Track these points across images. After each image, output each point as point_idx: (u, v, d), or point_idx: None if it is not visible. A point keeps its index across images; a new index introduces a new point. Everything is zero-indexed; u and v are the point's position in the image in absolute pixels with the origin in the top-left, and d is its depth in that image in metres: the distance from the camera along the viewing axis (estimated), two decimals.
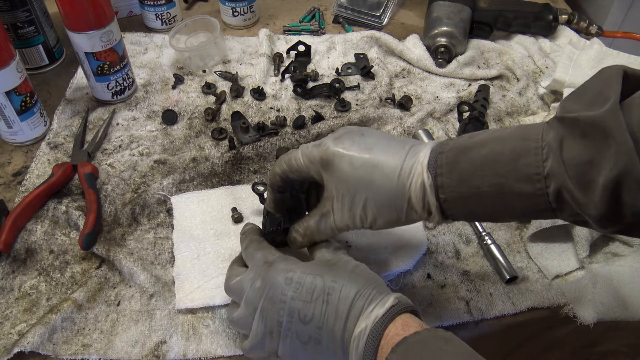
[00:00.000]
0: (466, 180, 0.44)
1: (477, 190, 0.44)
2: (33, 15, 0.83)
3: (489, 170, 0.43)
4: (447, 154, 0.46)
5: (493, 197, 0.44)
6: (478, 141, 0.45)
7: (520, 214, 0.45)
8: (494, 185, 0.43)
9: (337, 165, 0.48)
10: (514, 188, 0.42)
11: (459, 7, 0.94)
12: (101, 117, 0.82)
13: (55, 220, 0.67)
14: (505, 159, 0.43)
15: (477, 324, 0.59)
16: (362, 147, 0.48)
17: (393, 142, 0.49)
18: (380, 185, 0.47)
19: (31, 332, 0.54)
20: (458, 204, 0.45)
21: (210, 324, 0.57)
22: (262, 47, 0.93)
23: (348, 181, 0.48)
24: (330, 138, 0.51)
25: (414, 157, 0.47)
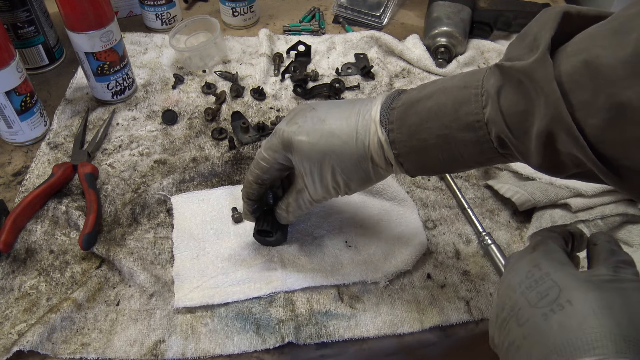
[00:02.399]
0: (414, 133, 0.45)
1: (424, 142, 0.45)
2: (33, 15, 0.83)
3: (434, 122, 0.44)
4: (398, 109, 0.47)
5: (441, 148, 0.45)
6: (425, 94, 0.46)
7: (472, 162, 0.46)
8: (440, 137, 0.44)
9: (296, 144, 0.50)
10: (458, 137, 0.43)
11: (459, 7, 0.94)
12: (101, 117, 0.82)
13: (55, 220, 0.67)
14: (448, 110, 0.43)
15: (477, 324, 0.59)
16: (315, 120, 0.50)
17: (343, 107, 0.50)
18: (341, 152, 0.48)
19: (30, 331, 0.54)
20: (410, 157, 0.46)
21: (209, 322, 0.57)
22: (262, 47, 0.93)
23: (311, 156, 0.49)
24: (283, 121, 0.52)
25: (366, 115, 0.48)
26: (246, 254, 0.63)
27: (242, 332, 0.56)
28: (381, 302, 0.59)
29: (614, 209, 0.64)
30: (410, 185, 0.72)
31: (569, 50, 0.37)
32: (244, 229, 0.65)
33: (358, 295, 0.60)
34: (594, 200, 0.65)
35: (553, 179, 0.67)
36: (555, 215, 0.65)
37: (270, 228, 0.60)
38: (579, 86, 0.35)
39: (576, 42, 0.37)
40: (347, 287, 0.60)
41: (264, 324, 0.57)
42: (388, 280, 0.60)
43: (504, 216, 0.69)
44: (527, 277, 0.40)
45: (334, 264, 0.62)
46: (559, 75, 0.36)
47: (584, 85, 0.35)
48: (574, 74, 0.36)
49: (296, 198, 0.55)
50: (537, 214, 0.67)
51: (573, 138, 0.36)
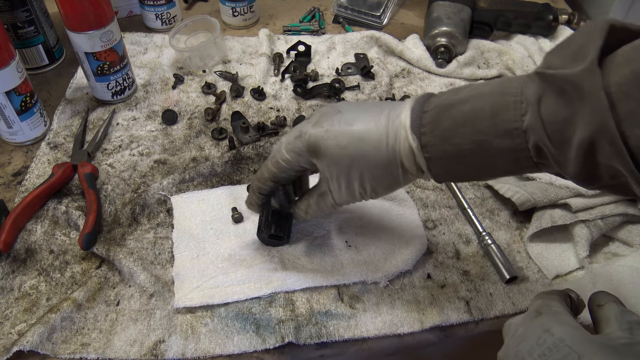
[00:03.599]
0: (448, 138, 0.44)
1: (458, 148, 0.44)
2: (33, 15, 0.83)
3: (469, 127, 0.43)
4: (431, 112, 0.46)
5: (475, 155, 0.44)
6: (460, 98, 0.45)
7: (502, 171, 0.45)
8: (475, 142, 0.43)
9: (324, 149, 0.49)
10: (494, 144, 0.42)
11: (459, 7, 0.94)
12: (101, 117, 0.82)
13: (55, 220, 0.67)
14: (485, 115, 0.42)
15: (477, 323, 0.59)
16: (342, 123, 0.49)
17: (370, 109, 0.49)
18: (371, 158, 0.47)
19: (30, 331, 0.54)
20: (442, 163, 0.46)
21: (209, 322, 0.57)
22: (262, 47, 0.93)
23: (339, 161, 0.48)
24: (308, 124, 0.51)
25: (396, 120, 0.47)
26: (246, 254, 0.63)
27: (242, 332, 0.56)
28: (381, 302, 0.59)
29: (614, 209, 0.64)
30: (410, 185, 0.72)
31: (617, 61, 0.37)
32: (244, 229, 0.65)
33: (358, 295, 0.60)
34: (594, 200, 0.65)
35: (553, 178, 0.67)
36: (555, 215, 0.65)
37: (282, 233, 0.61)
38: (627, 96, 0.35)
39: (624, 53, 0.37)
40: (347, 287, 0.60)
41: (264, 324, 0.57)
42: (388, 280, 0.60)
43: (504, 216, 0.69)
44: (539, 344, 0.38)
45: (334, 264, 0.62)
46: (607, 85, 0.36)
47: (632, 95, 0.35)
48: (623, 84, 0.36)
49: (318, 201, 0.54)
50: (537, 214, 0.67)
51: (616, 148, 0.36)
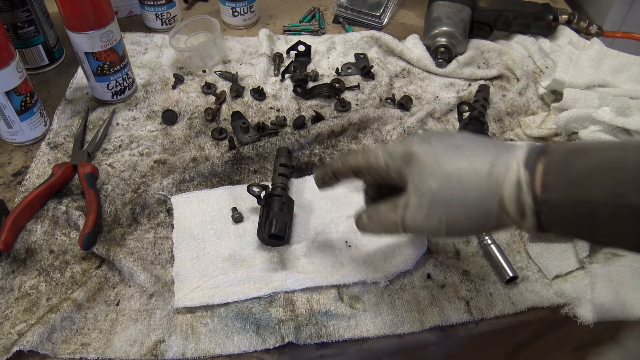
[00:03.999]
0: (578, 183, 0.38)
1: (588, 197, 0.37)
2: (33, 15, 0.84)
3: (608, 174, 0.37)
4: (558, 154, 0.40)
5: (607, 210, 0.37)
6: (595, 146, 0.39)
7: (632, 240, 0.38)
8: (612, 195, 0.36)
9: (421, 159, 0.44)
10: (636, 200, 0.35)
11: (459, 7, 0.94)
12: (101, 117, 0.82)
13: (55, 220, 0.67)
14: (632, 166, 0.36)
15: (477, 323, 0.59)
16: (449, 144, 0.45)
17: (483, 141, 0.45)
18: (468, 182, 0.42)
19: (30, 331, 0.54)
20: (562, 211, 0.39)
21: (209, 323, 0.57)
22: (262, 47, 0.93)
23: (432, 176, 0.43)
24: (416, 137, 0.47)
25: (508, 153, 0.42)
26: (246, 254, 0.63)
27: (242, 332, 0.56)
28: (381, 302, 0.59)
29: None
30: None
31: None
32: (244, 229, 0.65)
33: (358, 295, 0.60)
34: None
35: None
36: None
37: (282, 233, 0.61)
38: None
39: None
40: (347, 287, 0.60)
41: (264, 324, 0.57)
42: (388, 280, 0.60)
43: None
44: None
45: (334, 264, 0.62)
46: None
47: None
48: None
49: (388, 211, 0.47)
50: None
51: None
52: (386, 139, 0.79)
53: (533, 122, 0.82)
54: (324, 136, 0.77)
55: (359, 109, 0.81)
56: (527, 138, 0.80)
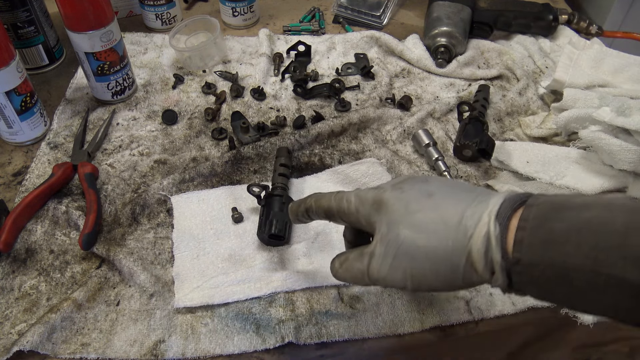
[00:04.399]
0: (554, 243, 0.35)
1: (564, 259, 0.34)
2: (33, 15, 0.84)
3: (587, 238, 0.34)
4: (539, 207, 0.37)
5: (584, 276, 0.33)
6: (580, 202, 0.36)
7: (611, 311, 0.34)
8: (589, 259, 0.33)
9: (390, 207, 0.42)
10: (614, 269, 0.32)
11: (459, 7, 0.94)
12: (101, 117, 0.82)
13: (55, 220, 0.67)
14: (614, 230, 0.33)
15: (477, 323, 0.59)
16: (422, 191, 0.42)
17: (459, 188, 0.42)
18: (436, 234, 0.39)
19: (30, 331, 0.54)
20: (535, 273, 0.36)
21: (209, 323, 0.57)
22: (262, 47, 0.93)
23: (399, 225, 0.41)
24: (389, 182, 0.45)
25: (482, 204, 0.39)
26: (246, 254, 0.63)
27: (242, 332, 0.56)
28: (381, 302, 0.59)
29: None
30: None
31: None
32: (244, 229, 0.65)
33: (358, 295, 0.60)
34: None
35: (553, 179, 0.67)
36: None
37: (282, 233, 0.61)
38: None
39: None
40: (347, 287, 0.60)
41: (264, 324, 0.57)
42: None
43: None
44: None
45: None
46: None
47: None
48: None
49: (355, 259, 0.45)
50: None
51: None
52: (386, 139, 0.79)
53: (533, 122, 0.82)
54: (324, 136, 0.77)
55: (359, 109, 0.81)
56: (527, 138, 0.80)
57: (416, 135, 0.76)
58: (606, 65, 0.85)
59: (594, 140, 0.67)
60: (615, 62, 0.84)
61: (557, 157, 0.71)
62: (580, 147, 0.73)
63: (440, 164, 0.73)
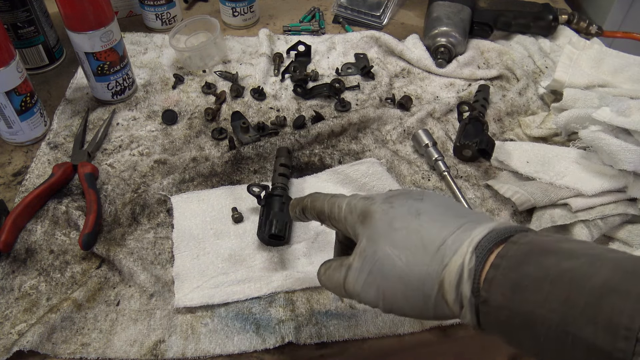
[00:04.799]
0: (525, 289, 0.32)
1: (531, 308, 0.32)
2: (33, 15, 0.84)
3: (559, 291, 0.31)
4: (520, 245, 0.34)
5: (549, 331, 0.31)
6: (567, 248, 0.33)
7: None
8: (557, 314, 0.31)
9: (375, 221, 0.41)
10: (583, 331, 0.29)
11: (459, 7, 0.94)
12: (101, 117, 0.82)
13: (55, 220, 0.67)
14: (589, 287, 0.30)
15: None
16: (411, 210, 0.40)
17: (451, 211, 0.40)
18: (411, 259, 0.37)
19: (30, 331, 0.54)
20: (500, 315, 0.33)
21: (209, 322, 0.57)
22: (262, 47, 0.93)
23: (379, 241, 0.39)
24: (383, 195, 0.44)
25: (467, 232, 0.37)
26: (246, 254, 0.63)
27: (242, 332, 0.56)
28: None
29: (614, 209, 0.64)
30: (410, 184, 0.72)
31: None
32: (244, 229, 0.65)
33: None
34: (594, 200, 0.65)
35: (553, 179, 0.67)
36: (555, 215, 0.65)
37: (282, 233, 0.61)
38: None
39: None
40: None
41: (264, 324, 0.57)
42: None
43: (504, 216, 0.69)
44: None
45: None
46: None
47: None
48: None
49: (336, 269, 0.44)
50: (537, 213, 0.67)
51: None
52: (386, 139, 0.79)
53: (533, 122, 0.82)
54: (324, 136, 0.77)
55: (359, 109, 0.81)
56: (527, 138, 0.80)
57: (416, 135, 0.76)
58: (606, 65, 0.85)
59: (594, 140, 0.67)
60: (615, 62, 0.84)
61: (557, 157, 0.71)
62: (580, 147, 0.73)
63: (440, 164, 0.73)
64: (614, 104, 0.69)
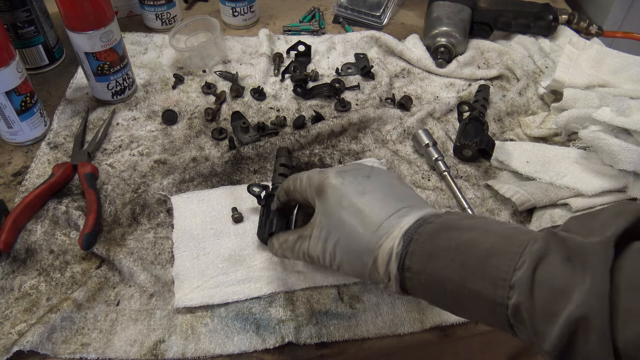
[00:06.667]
0: (434, 257, 0.41)
1: (439, 272, 0.41)
2: (33, 15, 0.84)
3: (459, 256, 0.40)
4: (433, 225, 0.43)
5: (453, 286, 0.40)
6: (469, 224, 0.42)
7: (476, 316, 0.41)
8: (457, 274, 0.40)
9: (327, 197, 0.48)
10: (475, 284, 0.39)
11: (459, 7, 0.94)
12: (101, 117, 0.82)
13: (55, 220, 0.67)
14: (479, 252, 0.40)
15: (477, 323, 0.59)
16: (358, 188, 0.48)
17: (392, 194, 0.47)
18: (355, 234, 0.46)
19: (30, 331, 0.54)
20: (420, 278, 0.43)
21: (209, 322, 0.57)
22: (262, 47, 0.93)
23: (331, 216, 0.48)
24: (335, 168, 0.51)
25: (400, 218, 0.45)
26: (246, 254, 0.63)
27: (242, 332, 0.56)
28: (381, 302, 0.59)
29: None
30: (410, 184, 0.72)
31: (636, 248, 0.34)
32: (244, 229, 0.65)
33: (358, 295, 0.60)
34: (594, 200, 0.65)
35: (553, 179, 0.67)
36: (555, 215, 0.65)
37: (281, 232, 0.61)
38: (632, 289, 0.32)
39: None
40: (347, 287, 0.60)
41: (264, 324, 0.57)
42: None
43: (504, 216, 0.69)
44: None
45: None
46: (617, 268, 0.33)
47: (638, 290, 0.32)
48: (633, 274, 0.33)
49: (295, 241, 0.52)
50: (537, 213, 0.67)
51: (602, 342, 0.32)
52: (386, 139, 0.79)
53: (533, 122, 0.82)
54: (324, 136, 0.77)
55: (359, 109, 0.81)
56: (527, 138, 0.80)
57: (416, 135, 0.76)
58: (606, 65, 0.85)
59: (594, 140, 0.67)
60: (615, 62, 0.84)
61: (557, 157, 0.71)
62: (580, 147, 0.73)
63: (440, 164, 0.73)
64: (614, 104, 0.69)
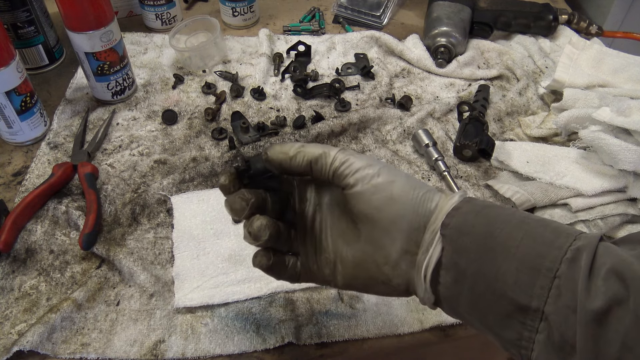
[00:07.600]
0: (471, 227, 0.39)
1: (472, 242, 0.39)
2: (33, 15, 0.84)
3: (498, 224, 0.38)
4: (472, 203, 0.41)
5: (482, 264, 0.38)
6: (510, 211, 0.40)
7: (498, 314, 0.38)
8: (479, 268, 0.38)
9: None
10: (513, 264, 0.36)
11: (459, 7, 0.94)
12: (101, 117, 0.82)
13: (55, 220, 0.67)
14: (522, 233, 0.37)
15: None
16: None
17: (413, 179, 0.44)
18: (401, 196, 0.42)
19: (30, 331, 0.54)
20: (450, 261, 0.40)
21: (209, 322, 0.57)
22: (262, 47, 0.93)
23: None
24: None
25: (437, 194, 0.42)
26: (246, 254, 0.63)
27: (242, 332, 0.56)
28: (381, 302, 0.59)
29: (614, 209, 0.64)
30: None
31: None
32: None
33: (358, 295, 0.60)
34: (594, 200, 0.65)
35: (553, 179, 0.67)
36: (555, 215, 0.65)
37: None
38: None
39: None
40: None
41: (264, 324, 0.57)
42: None
43: None
44: None
45: None
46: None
47: None
48: None
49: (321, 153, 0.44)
50: (537, 213, 0.67)
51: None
52: (386, 139, 0.79)
53: (533, 122, 0.82)
54: (324, 136, 0.77)
55: (359, 109, 0.81)
56: (527, 138, 0.80)
57: (416, 135, 0.76)
58: (606, 65, 0.85)
59: (594, 140, 0.67)
60: (615, 62, 0.84)
61: (557, 157, 0.71)
62: (580, 147, 0.73)
63: (440, 164, 0.73)
64: (614, 104, 0.69)
